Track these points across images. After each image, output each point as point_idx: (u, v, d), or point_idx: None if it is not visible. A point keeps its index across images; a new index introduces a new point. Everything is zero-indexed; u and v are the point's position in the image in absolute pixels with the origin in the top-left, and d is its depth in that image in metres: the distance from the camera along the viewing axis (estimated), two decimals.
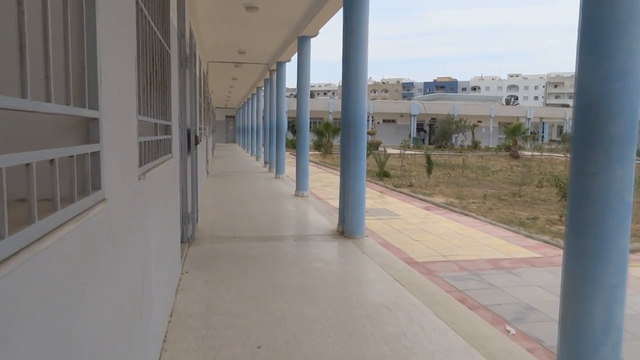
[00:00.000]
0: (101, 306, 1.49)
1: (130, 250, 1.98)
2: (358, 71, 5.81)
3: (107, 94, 1.56)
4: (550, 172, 21.05)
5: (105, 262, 1.54)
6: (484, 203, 11.48)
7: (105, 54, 1.54)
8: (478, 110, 51.86)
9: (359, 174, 5.99)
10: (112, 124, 1.63)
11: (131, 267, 2.02)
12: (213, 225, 6.58)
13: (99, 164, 1.47)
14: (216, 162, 19.16)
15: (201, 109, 10.02)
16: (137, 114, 2.15)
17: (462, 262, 5.98)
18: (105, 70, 1.55)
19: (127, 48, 1.96)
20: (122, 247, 1.80)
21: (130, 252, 1.98)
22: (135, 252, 2.09)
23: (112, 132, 1.63)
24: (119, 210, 1.72)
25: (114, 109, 1.67)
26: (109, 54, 1.60)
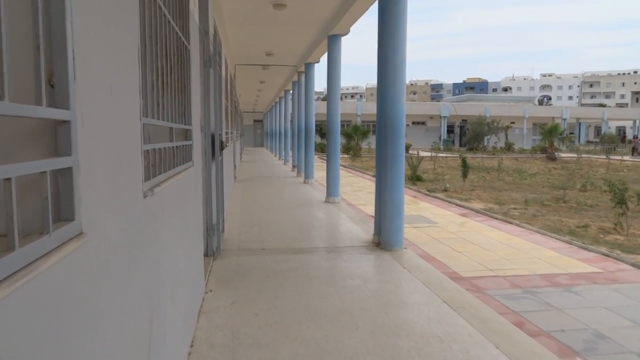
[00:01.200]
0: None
1: (132, 286, 1.56)
2: (396, 68, 5.32)
3: (87, 89, 1.14)
4: (592, 174, 20.01)
5: (83, 315, 1.11)
6: (526, 209, 10.77)
7: (82, 34, 1.12)
8: (511, 111, 50.43)
9: (396, 180, 5.50)
10: (96, 129, 1.21)
11: (133, 307, 1.60)
12: (240, 236, 6.18)
13: (72, 185, 1.04)
14: (244, 166, 18.92)
15: (228, 113, 9.69)
16: (142, 116, 1.73)
17: (512, 277, 5.41)
18: (83, 56, 1.12)
19: (123, 34, 1.54)
20: (116, 289, 1.38)
21: (132, 289, 1.57)
22: (139, 287, 1.67)
23: (96, 140, 1.21)
24: (108, 244, 1.30)
25: (100, 110, 1.25)
26: (89, 36, 1.18)
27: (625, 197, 7.97)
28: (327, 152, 9.59)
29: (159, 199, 2.04)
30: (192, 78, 3.33)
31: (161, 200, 2.09)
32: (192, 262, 3.35)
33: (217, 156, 5.12)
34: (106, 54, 1.33)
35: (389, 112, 5.40)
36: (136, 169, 1.66)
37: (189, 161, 3.20)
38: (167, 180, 2.28)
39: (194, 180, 3.48)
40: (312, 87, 12.44)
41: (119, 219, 1.40)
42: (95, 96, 1.20)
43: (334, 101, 9.24)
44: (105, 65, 1.31)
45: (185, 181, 2.97)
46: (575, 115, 52.81)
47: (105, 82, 1.30)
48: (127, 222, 1.51)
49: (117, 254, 1.37)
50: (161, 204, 2.10)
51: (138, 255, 1.65)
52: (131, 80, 1.61)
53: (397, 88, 5.34)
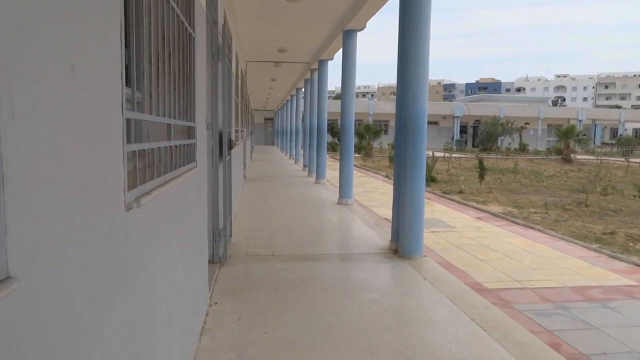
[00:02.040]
0: None
1: (104, 333, 1.22)
2: (419, 62, 4.94)
3: (22, 64, 0.79)
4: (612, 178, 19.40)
5: None
6: (547, 213, 10.32)
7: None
8: (525, 112, 49.66)
9: (416, 183, 5.12)
10: (42, 124, 0.86)
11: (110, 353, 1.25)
12: (249, 240, 5.84)
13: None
14: (254, 165, 18.62)
15: (238, 110, 9.37)
16: (124, 109, 1.38)
17: (541, 290, 5.00)
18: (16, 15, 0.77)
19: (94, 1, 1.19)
20: (69, 345, 1.03)
21: (105, 336, 1.22)
22: (117, 328, 1.32)
23: (41, 140, 0.86)
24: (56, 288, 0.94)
25: (50, 97, 0.90)
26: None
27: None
28: (340, 151, 9.22)
29: (150, 209, 1.70)
30: (196, 69, 2.99)
31: (153, 210, 1.74)
32: (195, 274, 3.01)
33: (225, 156, 4.78)
34: (65, 19, 0.98)
35: (409, 110, 5.02)
36: (115, 176, 1.31)
37: (191, 162, 2.86)
38: (163, 185, 1.94)
39: (198, 183, 3.13)
40: (325, 85, 12.07)
41: (79, 250, 1.05)
42: (41, 77, 0.85)
43: (349, 99, 8.87)
44: (63, 35, 0.96)
45: (187, 185, 2.63)
46: (591, 116, 51.84)
47: (61, 59, 0.95)
48: (96, 248, 1.16)
49: (71, 299, 1.02)
50: (153, 214, 1.75)
51: (116, 287, 1.30)
52: (109, 62, 1.26)
53: (419, 84, 4.96)
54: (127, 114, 1.44)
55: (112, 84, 1.29)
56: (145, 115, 1.67)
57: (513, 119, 43.20)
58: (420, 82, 4.95)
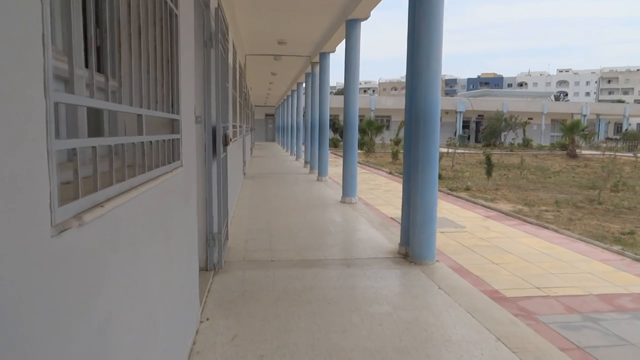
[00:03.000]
0: None
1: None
2: (431, 51, 4.50)
3: None
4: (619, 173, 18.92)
5: None
6: (559, 211, 9.89)
7: None
8: (529, 107, 49.14)
9: (429, 182, 4.70)
10: None
11: None
12: (247, 244, 5.43)
13: None
14: (254, 162, 18.20)
15: (236, 105, 8.94)
16: (48, 90, 0.96)
17: (565, 298, 4.59)
18: None
19: None
20: None
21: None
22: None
23: None
24: None
25: None
26: None
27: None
28: (344, 147, 8.79)
29: (105, 224, 1.28)
30: (180, 53, 2.56)
31: (110, 225, 1.33)
32: (180, 290, 2.60)
33: (220, 153, 4.36)
34: None
35: (421, 103, 4.59)
36: (33, 185, 0.89)
37: (175, 161, 2.44)
38: (129, 192, 1.52)
39: (185, 185, 2.72)
40: (327, 79, 11.64)
41: None
42: None
43: (352, 93, 8.43)
44: None
45: (168, 188, 2.22)
46: (595, 111, 51.26)
47: None
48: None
49: None
50: (109, 230, 1.34)
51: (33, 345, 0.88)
52: (19, 20, 0.84)
53: (431, 73, 4.53)
54: (60, 97, 1.02)
55: (27, 53, 0.87)
56: (87, 100, 1.24)
57: (516, 114, 42.68)
58: (433, 71, 4.52)
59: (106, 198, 1.31)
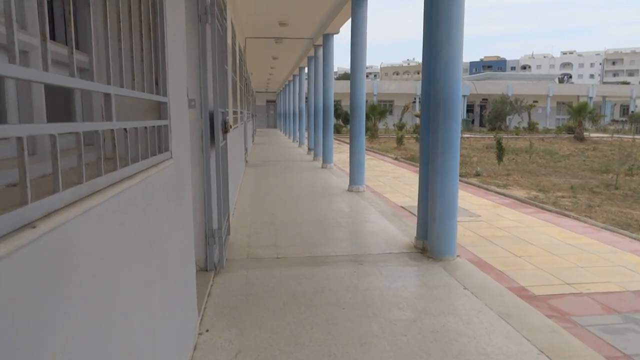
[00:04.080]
0: None
1: None
2: (451, 21, 4.04)
3: None
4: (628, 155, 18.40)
5: None
6: (576, 197, 9.47)
7: None
8: (534, 90, 48.41)
9: (450, 171, 4.27)
10: None
11: None
12: (250, 238, 5.03)
13: None
14: (256, 149, 17.77)
15: (237, 90, 8.49)
16: None
17: (599, 295, 4.18)
18: None
19: None
20: None
21: None
22: None
23: None
24: None
25: None
26: None
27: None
28: (350, 133, 8.35)
29: (39, 255, 0.87)
30: (167, 25, 2.13)
31: (49, 255, 0.91)
32: (173, 303, 2.20)
33: (219, 142, 3.93)
34: None
35: (440, 82, 4.14)
36: None
37: (161, 152, 2.03)
38: (86, 200, 1.11)
39: (176, 181, 2.30)
40: (331, 61, 11.14)
41: None
42: None
43: (359, 75, 7.97)
44: None
45: (151, 186, 1.80)
46: (601, 93, 50.46)
47: None
48: None
49: None
50: (49, 264, 0.92)
51: None
52: None
53: (452, 51, 4.07)
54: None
55: None
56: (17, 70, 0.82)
57: (521, 97, 41.99)
58: (454, 46, 4.07)
59: (45, 213, 0.90)
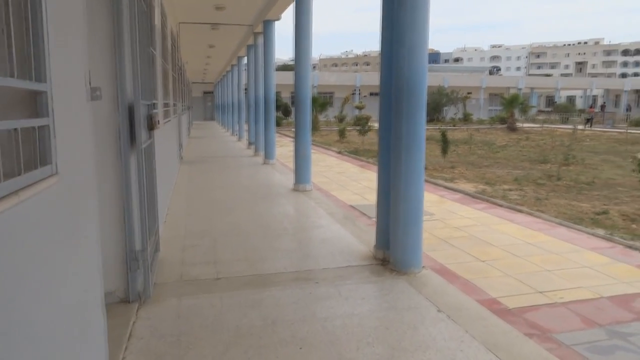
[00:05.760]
0: None
1: None
2: (416, 3, 3.51)
3: None
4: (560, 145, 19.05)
5: None
6: (522, 190, 9.39)
7: None
8: (467, 82, 49.83)
9: (414, 171, 3.76)
10: None
11: None
12: (184, 253, 4.30)
13: None
14: (193, 143, 16.71)
15: (168, 79, 7.60)
16: None
17: (576, 305, 3.85)
18: None
19: None
20: None
21: None
22: None
23: None
24: None
25: None
26: None
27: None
28: (295, 127, 7.72)
29: None
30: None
31: None
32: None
33: (140, 142, 3.18)
34: None
35: (404, 71, 3.60)
36: None
37: (37, 167, 1.32)
38: None
39: (62, 204, 1.59)
40: (272, 50, 10.42)
41: None
42: None
43: (304, 65, 7.34)
44: None
45: (14, 222, 1.10)
46: (529, 85, 52.83)
47: None
48: None
49: None
50: None
51: None
52: None
53: (416, 35, 3.54)
54: None
55: None
56: None
57: (457, 88, 43.03)
58: (419, 30, 3.54)
59: None
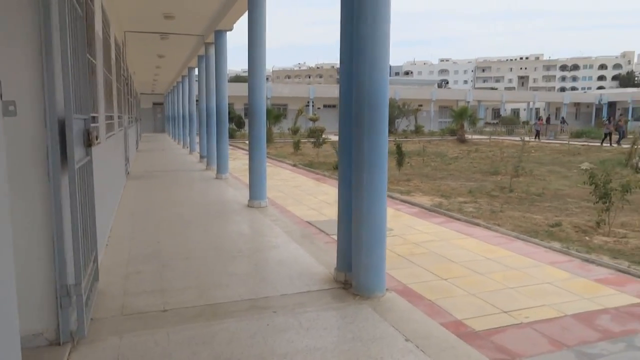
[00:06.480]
0: None
1: None
2: (377, 12, 3.34)
3: None
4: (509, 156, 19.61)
5: None
6: (476, 202, 9.46)
7: None
8: (418, 94, 50.94)
9: (377, 189, 3.57)
10: None
11: None
12: (127, 281, 3.91)
13: None
14: (141, 157, 16.00)
15: (112, 89, 7.14)
16: None
17: (541, 324, 3.75)
18: None
19: None
20: None
21: None
22: None
23: None
24: None
25: None
26: None
27: (608, 190, 6.77)
28: (250, 140, 7.41)
29: None
30: None
31: None
32: None
33: (73, 161, 2.81)
34: None
35: (365, 83, 3.42)
36: None
37: None
38: None
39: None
40: (224, 61, 10.10)
41: None
42: None
43: (259, 76, 7.07)
44: None
45: None
46: (477, 97, 54.67)
47: None
48: None
49: None
50: None
51: None
52: None
53: (378, 45, 3.37)
54: None
55: None
56: None
57: (408, 101, 43.89)
58: (380, 39, 3.37)
59: None
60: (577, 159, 19.20)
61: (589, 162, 16.17)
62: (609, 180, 6.82)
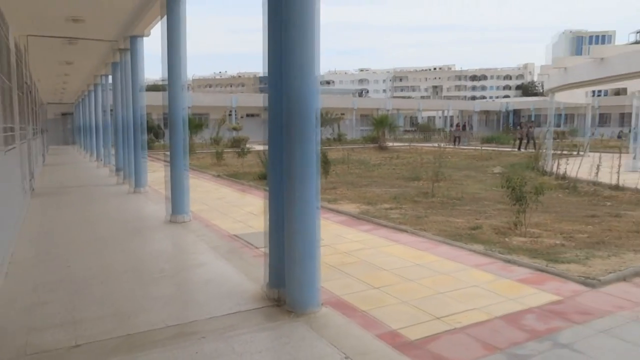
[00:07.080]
0: None
1: None
2: (305, 19, 3.22)
3: None
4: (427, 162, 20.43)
5: None
6: (401, 208, 9.65)
7: None
8: (339, 103, 51.94)
9: (309, 201, 3.44)
10: None
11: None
12: (31, 315, 3.46)
13: None
14: (48, 171, 14.77)
15: (10, 99, 6.45)
16: None
17: (473, 329, 3.80)
18: None
19: None
20: None
21: None
22: None
23: None
24: None
25: None
26: None
27: (524, 193, 7.15)
28: (170, 151, 7.01)
29: None
30: None
31: None
32: None
33: None
34: None
35: (294, 93, 3.29)
36: None
37: None
38: None
39: None
40: (140, 68, 9.57)
41: None
42: None
43: (178, 84, 6.72)
44: None
45: None
46: (396, 106, 56.73)
47: None
48: None
49: None
50: None
51: None
52: None
53: (307, 49, 3.26)
54: None
55: None
56: None
57: (330, 109, 44.56)
58: (309, 50, 3.26)
59: None
60: (490, 163, 20.39)
61: (500, 166, 17.22)
62: (524, 184, 7.21)
